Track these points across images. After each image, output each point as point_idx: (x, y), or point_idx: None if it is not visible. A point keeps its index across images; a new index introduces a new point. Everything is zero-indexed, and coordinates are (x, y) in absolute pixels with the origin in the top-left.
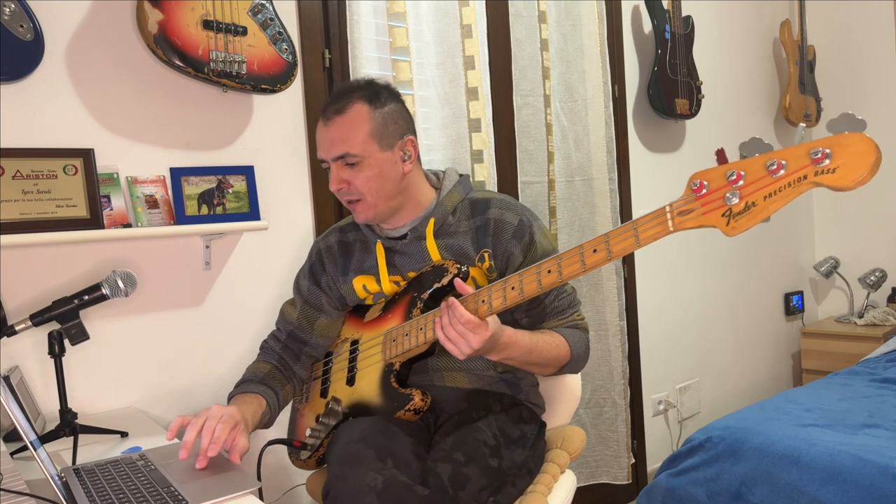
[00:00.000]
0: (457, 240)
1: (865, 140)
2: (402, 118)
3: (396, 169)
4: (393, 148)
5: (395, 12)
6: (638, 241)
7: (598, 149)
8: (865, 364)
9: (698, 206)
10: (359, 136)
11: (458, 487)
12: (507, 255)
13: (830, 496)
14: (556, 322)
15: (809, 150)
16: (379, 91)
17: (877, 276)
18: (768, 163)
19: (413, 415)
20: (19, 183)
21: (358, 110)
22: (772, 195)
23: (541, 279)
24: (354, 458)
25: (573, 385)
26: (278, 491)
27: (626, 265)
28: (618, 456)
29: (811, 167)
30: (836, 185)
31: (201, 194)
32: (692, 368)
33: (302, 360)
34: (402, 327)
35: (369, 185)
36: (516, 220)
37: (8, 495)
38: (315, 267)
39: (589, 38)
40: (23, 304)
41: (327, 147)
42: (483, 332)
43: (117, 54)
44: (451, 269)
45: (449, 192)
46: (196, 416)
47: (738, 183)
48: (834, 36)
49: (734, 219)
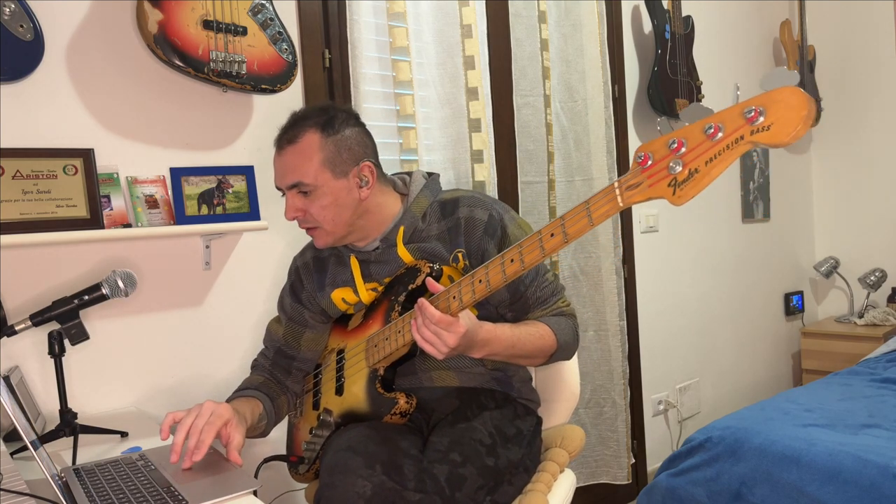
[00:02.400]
0: (429, 243)
1: (796, 92)
2: (358, 144)
3: (352, 196)
4: (348, 175)
5: (395, 12)
6: (591, 221)
7: (598, 149)
8: (865, 364)
9: (644, 179)
10: (311, 165)
11: (455, 488)
12: (481, 252)
13: (830, 496)
14: (541, 312)
15: (743, 109)
16: (333, 118)
17: (877, 276)
18: (706, 127)
19: (400, 418)
20: (19, 183)
21: (310, 139)
22: (713, 160)
23: (505, 269)
24: (343, 467)
25: (572, 383)
26: (276, 494)
27: (626, 265)
28: (618, 456)
29: (746, 126)
30: (771, 143)
31: (201, 194)
32: (692, 368)
33: (293, 375)
34: (383, 332)
35: (324, 214)
36: (486, 216)
37: (8, 495)
38: (295, 284)
39: (589, 38)
40: (23, 304)
41: (280, 175)
42: (457, 328)
43: (117, 54)
44: (424, 269)
45: (416, 198)
46: (186, 414)
47: (681, 151)
48: (834, 36)
49: (679, 187)
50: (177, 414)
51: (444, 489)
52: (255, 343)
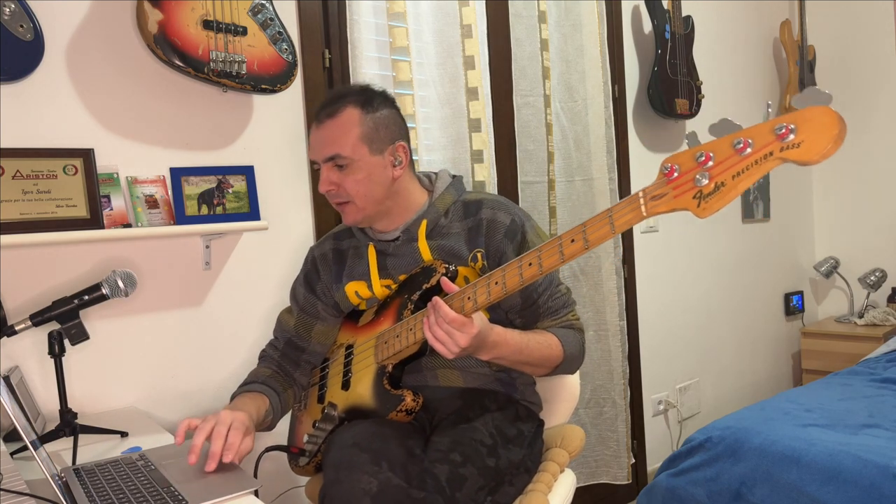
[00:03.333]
0: (449, 241)
1: (828, 112)
2: (395, 124)
3: (386, 174)
4: (383, 153)
5: (395, 12)
6: (613, 228)
7: (598, 149)
8: (865, 364)
9: (670, 190)
10: (349, 138)
11: (456, 488)
12: (499, 254)
13: (830, 496)
14: (550, 322)
15: (774, 126)
16: (372, 97)
17: (877, 276)
18: (735, 142)
19: (405, 415)
20: (19, 183)
21: (350, 114)
22: (740, 174)
23: (522, 272)
24: (349, 463)
25: (572, 384)
26: (274, 493)
27: (626, 265)
28: (618, 456)
29: (776, 143)
30: (801, 160)
31: (201, 194)
32: (692, 368)
33: (301, 367)
34: (393, 329)
35: (358, 188)
36: (508, 220)
37: (8, 495)
38: (310, 274)
39: (589, 38)
40: (23, 304)
41: (318, 148)
42: (469, 329)
43: (117, 54)
44: (440, 269)
45: (441, 194)
46: (204, 420)
47: (708, 164)
48: (834, 36)
49: (705, 200)
50: (192, 421)
51: (445, 489)
52: (256, 343)
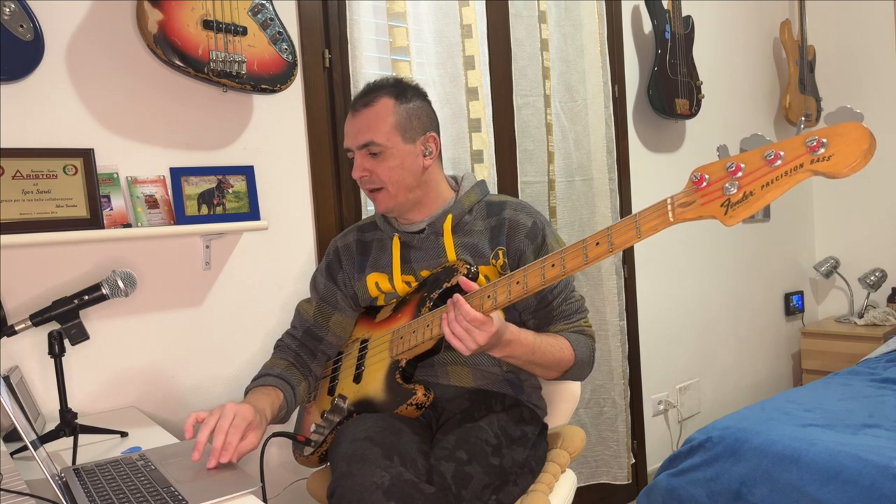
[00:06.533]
0: (472, 238)
1: (859, 128)
2: (427, 115)
3: (417, 162)
4: (415, 142)
5: (395, 12)
6: (639, 233)
7: (598, 149)
8: (865, 364)
9: (698, 198)
10: (384, 126)
11: (462, 486)
12: (519, 254)
13: (830, 496)
14: (563, 326)
15: (805, 139)
16: (406, 88)
17: (877, 276)
18: (766, 153)
19: (415, 409)
20: (19, 183)
21: (384, 103)
22: (769, 184)
23: (544, 273)
24: (361, 456)
25: (572, 385)
26: (280, 486)
27: (627, 265)
28: (618, 456)
29: (807, 155)
30: (830, 173)
31: (201, 194)
32: (692, 368)
33: (318, 358)
34: (410, 325)
35: (391, 175)
36: (530, 222)
37: (8, 495)
38: (332, 264)
39: (589, 38)
40: (23, 304)
41: (353, 136)
42: (488, 327)
43: (117, 54)
44: (461, 269)
45: (467, 192)
46: (209, 414)
47: (738, 174)
48: (834, 36)
49: (732, 208)
50: (199, 414)
51: (451, 486)
52: (256, 343)
